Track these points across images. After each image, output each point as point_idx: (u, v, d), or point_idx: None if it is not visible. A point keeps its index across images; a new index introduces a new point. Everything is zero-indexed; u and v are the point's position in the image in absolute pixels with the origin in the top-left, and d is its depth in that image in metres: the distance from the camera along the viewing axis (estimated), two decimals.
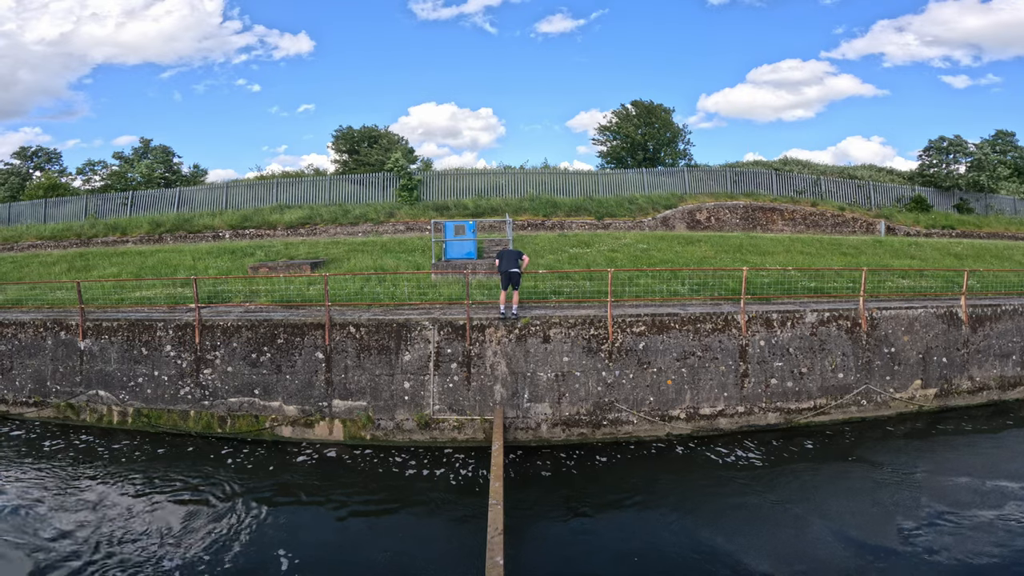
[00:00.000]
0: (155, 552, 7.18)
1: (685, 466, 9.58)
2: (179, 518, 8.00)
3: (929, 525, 7.66)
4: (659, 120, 33.16)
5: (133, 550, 7.22)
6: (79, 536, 7.53)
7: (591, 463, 9.65)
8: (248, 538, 7.52)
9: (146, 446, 10.50)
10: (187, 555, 7.11)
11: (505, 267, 11.12)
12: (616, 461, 9.71)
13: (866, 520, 7.80)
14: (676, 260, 16.26)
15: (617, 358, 10.80)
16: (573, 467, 9.52)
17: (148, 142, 33.23)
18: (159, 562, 6.98)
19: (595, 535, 7.60)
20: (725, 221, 25.50)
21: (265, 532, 7.67)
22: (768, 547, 7.24)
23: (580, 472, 9.36)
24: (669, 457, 9.89)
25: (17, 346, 12.14)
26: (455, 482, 9.05)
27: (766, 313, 11.44)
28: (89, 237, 24.52)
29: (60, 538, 7.48)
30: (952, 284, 14.54)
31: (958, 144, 29.82)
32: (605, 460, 9.72)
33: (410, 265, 15.74)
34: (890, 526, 7.65)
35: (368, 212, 24.08)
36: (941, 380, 12.14)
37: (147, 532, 7.64)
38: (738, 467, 9.49)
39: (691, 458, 9.83)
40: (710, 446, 10.25)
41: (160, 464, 9.78)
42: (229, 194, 26.85)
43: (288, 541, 7.42)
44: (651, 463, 9.68)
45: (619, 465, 9.59)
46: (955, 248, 20.02)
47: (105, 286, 14.62)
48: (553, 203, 24.56)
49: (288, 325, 11.07)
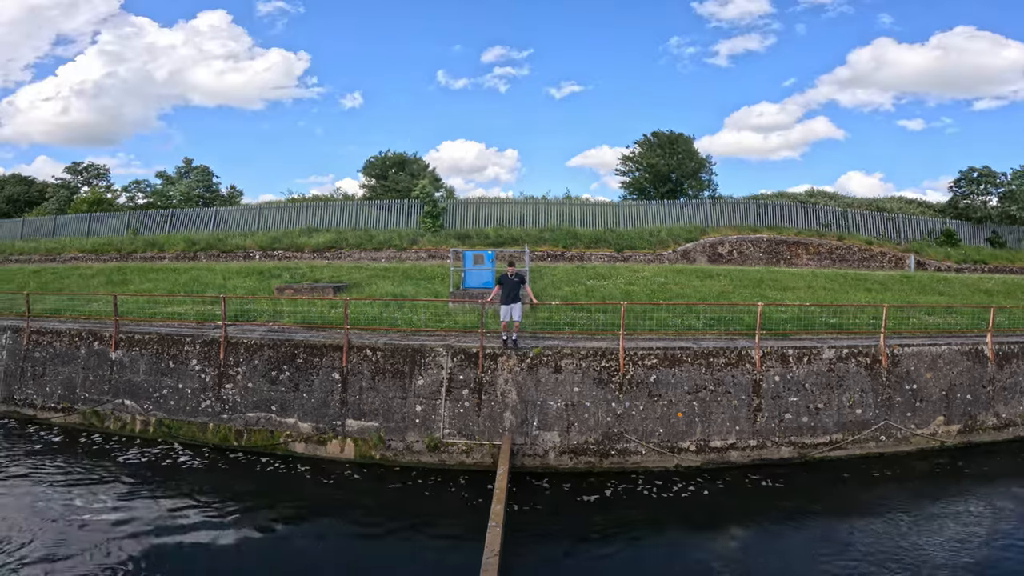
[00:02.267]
0: (159, 556, 7.42)
1: (693, 498, 9.46)
2: (180, 522, 8.26)
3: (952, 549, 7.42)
4: (682, 150, 33.30)
5: (131, 554, 7.47)
6: (72, 538, 7.82)
7: (597, 492, 9.61)
8: (243, 550, 7.72)
9: (165, 455, 10.87)
10: (184, 561, 7.33)
11: (504, 299, 11.16)
12: (623, 491, 9.65)
13: (887, 555, 7.59)
14: (693, 294, 16.23)
15: (628, 390, 10.82)
16: (578, 495, 9.50)
17: (190, 162, 34.80)
18: (157, 566, 7.20)
19: (594, 564, 7.57)
20: (748, 255, 25.31)
21: (263, 544, 7.87)
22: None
23: (585, 501, 9.33)
24: (677, 488, 9.79)
25: (52, 353, 12.79)
26: (460, 505, 9.13)
27: (782, 349, 11.34)
28: (128, 252, 25.70)
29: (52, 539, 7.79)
30: (980, 321, 14.18)
31: (988, 175, 29.22)
32: (611, 490, 9.68)
33: (429, 293, 16.08)
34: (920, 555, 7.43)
35: (392, 238, 24.72)
36: (965, 416, 11.81)
37: (148, 537, 7.90)
38: (747, 500, 9.36)
39: (699, 490, 9.70)
40: (720, 478, 10.11)
41: (172, 471, 10.11)
42: (262, 215, 27.91)
43: (285, 554, 7.60)
44: (658, 494, 9.59)
45: (625, 495, 9.52)
46: (986, 284, 19.50)
47: (139, 300, 15.33)
48: (573, 234, 24.80)
49: (308, 346, 11.43)
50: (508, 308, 11.22)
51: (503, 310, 11.29)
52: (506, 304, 11.22)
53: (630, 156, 35.19)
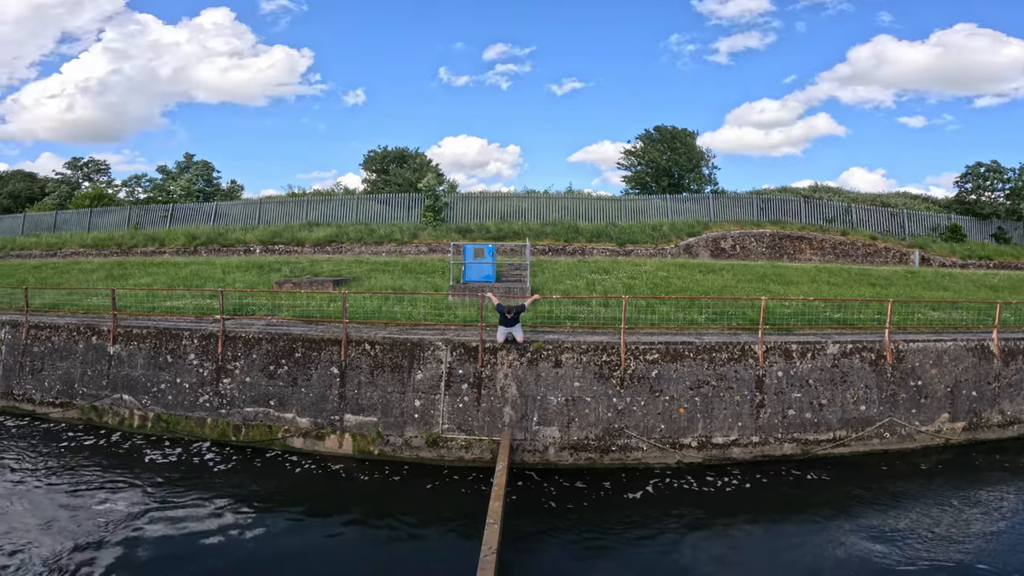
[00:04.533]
0: (154, 552, 7.35)
1: (694, 496, 9.36)
2: (181, 521, 8.19)
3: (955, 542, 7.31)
4: (683, 145, 33.11)
5: (127, 549, 7.41)
6: (67, 533, 7.77)
7: (597, 488, 9.52)
8: (239, 544, 7.65)
9: (163, 450, 10.80)
10: (179, 557, 7.27)
11: (503, 322, 10.73)
12: (623, 487, 9.55)
13: (890, 551, 7.49)
14: (696, 289, 16.09)
15: (629, 385, 10.70)
16: (578, 491, 9.41)
17: (191, 157, 34.75)
18: (155, 562, 7.14)
19: (592, 563, 7.48)
20: (751, 250, 25.14)
21: (259, 539, 7.79)
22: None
23: (585, 497, 9.24)
24: (677, 485, 9.68)
25: (50, 348, 12.73)
26: (458, 501, 9.04)
27: (785, 344, 11.21)
28: (129, 247, 25.63)
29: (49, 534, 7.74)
30: (986, 317, 14.00)
31: (996, 170, 28.92)
32: (611, 486, 9.58)
33: (429, 286, 15.96)
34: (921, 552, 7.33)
35: (393, 232, 24.59)
36: (970, 414, 11.67)
37: (144, 531, 7.84)
38: (749, 497, 9.24)
39: (700, 486, 9.60)
40: (721, 475, 10.00)
41: (171, 468, 10.04)
42: (262, 210, 27.78)
43: (281, 549, 7.53)
44: (658, 491, 9.49)
45: (625, 491, 9.42)
46: (991, 280, 19.31)
47: (138, 294, 15.25)
48: (575, 228, 24.64)
49: (306, 340, 11.33)
50: (507, 330, 10.77)
51: (501, 332, 10.74)
52: (504, 327, 10.75)
53: (632, 150, 35.00)
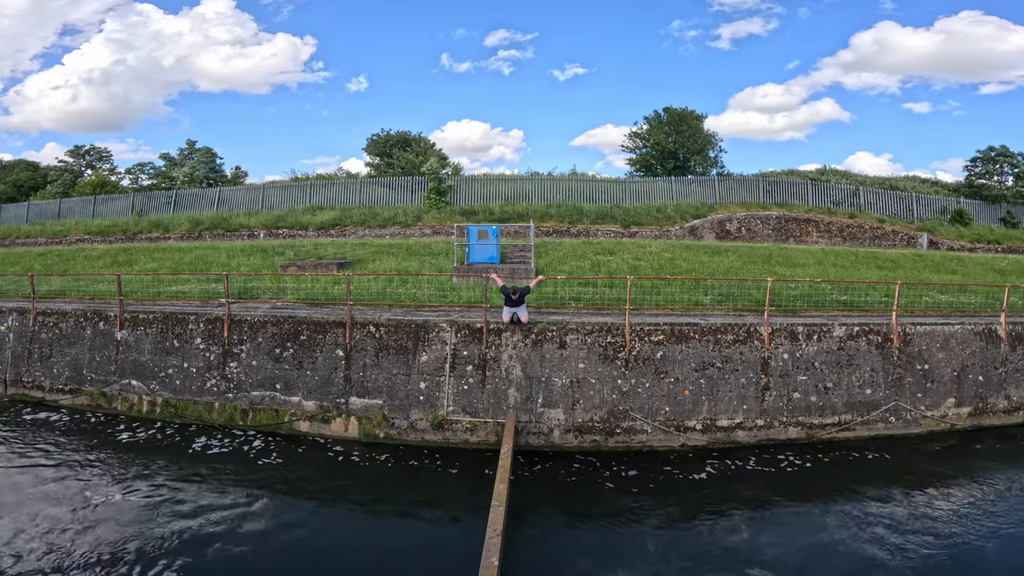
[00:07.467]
0: (163, 537, 7.45)
1: (697, 479, 9.39)
2: (190, 505, 8.29)
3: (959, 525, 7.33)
4: (690, 127, 32.74)
5: (137, 533, 7.51)
6: (81, 520, 7.88)
7: (602, 471, 9.56)
8: (245, 528, 7.74)
9: (171, 435, 10.91)
10: (191, 542, 7.36)
11: (508, 303, 10.73)
12: (627, 470, 9.58)
13: (896, 536, 7.51)
14: (701, 270, 15.99)
15: (634, 366, 10.69)
16: (583, 474, 9.46)
17: (193, 143, 34.69)
18: (167, 548, 7.24)
19: (597, 545, 7.52)
20: (756, 232, 24.93)
21: (266, 523, 7.88)
22: (778, 563, 7.04)
23: (589, 480, 9.29)
24: (682, 468, 9.71)
25: (58, 335, 12.80)
26: (463, 484, 9.10)
27: (791, 326, 11.14)
28: (134, 233, 25.69)
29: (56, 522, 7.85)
30: (993, 301, 13.88)
31: (1005, 154, 28.52)
32: (616, 468, 9.62)
33: (433, 268, 15.94)
34: (927, 538, 7.35)
35: (397, 215, 24.51)
36: (976, 399, 11.60)
37: (154, 516, 7.94)
38: (753, 480, 9.27)
39: (704, 470, 9.62)
40: (726, 459, 10.02)
41: (181, 453, 10.14)
42: (265, 195, 27.73)
43: (287, 533, 7.61)
44: (663, 474, 9.52)
45: (630, 474, 9.46)
46: (999, 263, 19.13)
47: (144, 280, 15.29)
48: (579, 210, 24.49)
49: (311, 323, 11.35)
50: (512, 311, 10.75)
51: (506, 312, 10.76)
52: (510, 307, 10.75)
53: (638, 132, 34.66)
